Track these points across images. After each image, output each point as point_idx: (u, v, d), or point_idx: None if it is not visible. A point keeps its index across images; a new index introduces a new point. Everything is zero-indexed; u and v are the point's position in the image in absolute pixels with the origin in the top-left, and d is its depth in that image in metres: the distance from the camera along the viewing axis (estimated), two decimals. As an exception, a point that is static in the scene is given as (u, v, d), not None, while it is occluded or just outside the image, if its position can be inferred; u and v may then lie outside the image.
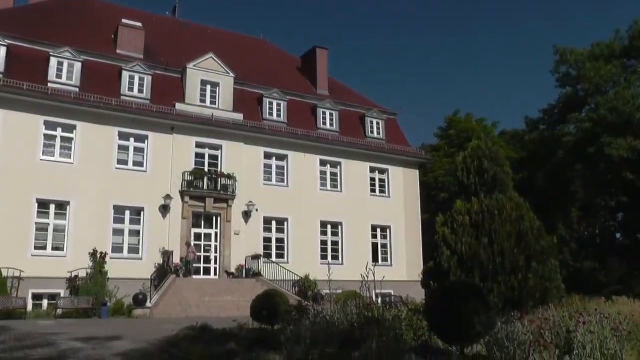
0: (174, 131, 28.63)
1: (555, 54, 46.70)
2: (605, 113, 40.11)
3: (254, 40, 41.71)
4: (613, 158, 38.59)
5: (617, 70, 42.96)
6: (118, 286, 24.52)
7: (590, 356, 8.04)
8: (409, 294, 25.72)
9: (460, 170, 15.77)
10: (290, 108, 33.09)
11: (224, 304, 24.25)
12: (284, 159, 31.83)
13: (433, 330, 9.14)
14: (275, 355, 8.66)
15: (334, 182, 33.35)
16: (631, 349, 9.55)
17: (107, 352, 10.85)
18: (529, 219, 14.28)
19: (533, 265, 13.40)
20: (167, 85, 29.96)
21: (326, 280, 11.27)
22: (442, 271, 13.63)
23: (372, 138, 35.34)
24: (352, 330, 9.55)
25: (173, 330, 12.39)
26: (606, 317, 8.84)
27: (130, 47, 30.67)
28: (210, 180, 28.88)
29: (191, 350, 9.91)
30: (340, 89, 38.74)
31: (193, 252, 27.35)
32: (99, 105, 26.73)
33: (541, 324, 8.88)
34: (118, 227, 26.76)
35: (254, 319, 13.90)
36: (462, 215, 14.23)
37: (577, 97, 46.60)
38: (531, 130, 51.30)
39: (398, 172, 35.42)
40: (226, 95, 31.03)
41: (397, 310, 10.06)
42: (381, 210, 34.05)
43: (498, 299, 12.71)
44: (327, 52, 38.64)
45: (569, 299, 14.91)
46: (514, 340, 6.97)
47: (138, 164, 27.78)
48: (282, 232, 30.97)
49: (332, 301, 11.19)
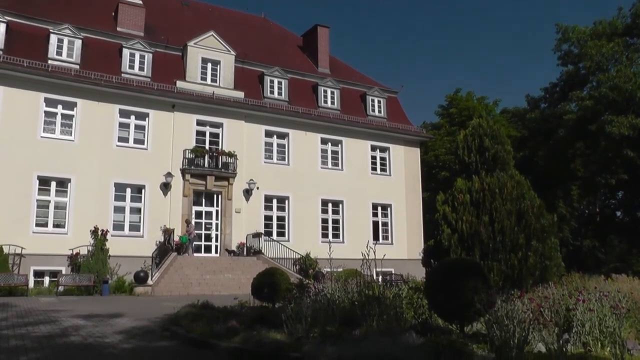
0: (175, 109, 28.56)
1: (558, 32, 46.51)
2: (607, 91, 39.97)
3: (255, 19, 41.46)
4: (614, 136, 38.54)
5: (618, 48, 42.73)
6: (119, 264, 24.68)
7: (589, 334, 8.08)
8: (409, 272, 25.68)
9: (461, 149, 15.74)
10: (291, 86, 32.98)
11: (224, 282, 24.40)
12: (285, 137, 31.78)
13: (433, 308, 9.18)
14: (276, 333, 8.69)
15: (334, 161, 33.34)
16: (630, 326, 9.60)
17: (108, 330, 10.93)
18: (530, 197, 14.27)
19: (533, 244, 13.43)
20: (167, 63, 29.83)
21: (327, 258, 11.30)
22: (443, 249, 13.66)
23: (373, 116, 35.27)
24: (352, 308, 9.59)
25: (174, 308, 12.45)
26: (605, 295, 8.85)
27: (130, 25, 30.53)
28: (211, 158, 28.87)
29: (192, 328, 9.98)
30: (341, 67, 38.57)
31: (192, 229, 27.35)
32: (100, 83, 26.65)
33: (541, 302, 8.92)
34: (119, 204, 26.81)
35: (254, 296, 13.96)
36: (462, 194, 14.23)
37: (578, 75, 46.44)
38: (532, 108, 51.24)
39: (399, 151, 35.39)
40: (227, 73, 30.90)
41: (398, 288, 10.07)
42: (382, 188, 34.08)
43: (498, 277, 12.76)
44: (328, 30, 38.45)
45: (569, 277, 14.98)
46: (513, 319, 6.98)
47: (139, 141, 27.76)
48: (282, 210, 31.03)
49: (333, 279, 11.22)
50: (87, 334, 10.33)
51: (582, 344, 8.04)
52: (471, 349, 7.14)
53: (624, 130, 37.98)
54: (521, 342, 6.84)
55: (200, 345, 8.99)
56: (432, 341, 7.32)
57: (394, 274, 26.44)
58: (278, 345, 7.99)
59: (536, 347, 7.50)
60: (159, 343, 9.55)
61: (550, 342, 7.18)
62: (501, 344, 6.91)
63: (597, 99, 41.15)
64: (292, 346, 7.89)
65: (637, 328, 10.00)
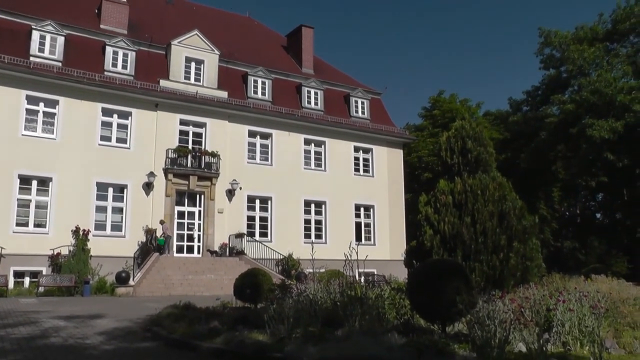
0: (158, 108, 28.40)
1: (540, 36, 47.04)
2: (588, 95, 40.46)
3: (240, 18, 41.37)
4: (594, 139, 39.01)
5: (600, 52, 43.36)
6: (101, 264, 24.48)
7: (568, 333, 8.20)
8: (391, 272, 25.92)
9: (443, 150, 15.82)
10: (275, 86, 32.93)
11: (207, 282, 24.32)
12: (268, 138, 31.73)
13: (415, 308, 9.23)
14: (258, 334, 8.69)
15: (318, 161, 33.34)
16: (608, 325, 9.74)
17: (89, 331, 10.85)
18: (511, 199, 14.38)
19: (514, 245, 13.53)
20: (151, 62, 29.66)
21: (309, 259, 11.30)
22: (425, 250, 13.71)
23: (356, 117, 35.32)
24: (335, 309, 9.60)
25: (156, 309, 12.40)
26: (585, 295, 8.98)
27: (114, 23, 30.32)
28: (194, 157, 28.74)
29: (174, 329, 9.94)
30: (325, 68, 38.59)
31: (167, 229, 27.02)
32: (82, 81, 26.41)
33: (522, 302, 9.00)
34: (101, 204, 26.59)
35: (237, 297, 13.95)
36: (445, 195, 14.30)
37: (560, 78, 47.02)
38: (515, 111, 51.76)
39: (382, 152, 35.47)
40: (211, 72, 30.80)
41: (380, 289, 10.10)
42: (365, 189, 34.14)
43: (480, 277, 12.84)
44: (313, 31, 38.43)
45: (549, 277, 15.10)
46: (494, 319, 7.05)
47: (121, 140, 27.55)
48: (265, 210, 30.97)
49: (315, 280, 11.23)
50: (67, 335, 10.25)
51: (562, 343, 8.15)
52: (453, 349, 7.20)
53: (604, 133, 38.45)
54: (502, 341, 6.90)
55: (182, 346, 8.97)
56: (414, 341, 7.37)
57: (377, 274, 26.54)
58: (260, 346, 7.99)
59: (517, 346, 7.58)
60: (141, 344, 9.51)
61: (531, 342, 7.25)
62: (482, 344, 6.97)
63: (579, 102, 41.65)
64: (275, 347, 7.89)
65: (616, 327, 10.13)
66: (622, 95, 39.32)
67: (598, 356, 6.89)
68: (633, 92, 39.52)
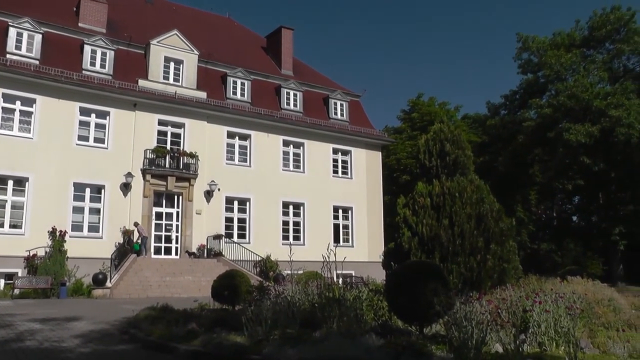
0: (137, 108, 28.17)
1: (518, 41, 47.63)
2: (565, 99, 41.02)
3: (219, 18, 41.23)
4: (571, 143, 39.54)
5: (576, 58, 44.03)
6: (77, 265, 24.17)
7: (544, 334, 8.30)
8: (369, 274, 25.86)
9: (422, 153, 15.95)
10: (254, 87, 32.85)
11: (185, 284, 24.17)
12: (247, 139, 31.63)
13: (393, 310, 9.26)
14: (236, 336, 8.66)
15: (296, 163, 33.31)
16: (583, 326, 9.89)
17: (65, 334, 10.73)
18: (489, 202, 14.52)
19: (492, 247, 13.66)
20: (130, 61, 29.42)
21: (287, 260, 11.30)
22: (403, 252, 13.79)
23: (335, 119, 35.35)
24: (313, 310, 9.60)
25: (133, 311, 12.30)
26: (561, 296, 9.09)
27: (92, 21, 30.02)
28: (173, 158, 28.55)
29: (152, 331, 9.87)
30: (304, 69, 38.59)
31: (143, 230, 26.77)
32: (60, 79, 26.08)
33: (499, 303, 9.09)
34: (78, 204, 26.28)
35: (215, 299, 13.90)
36: (423, 197, 14.39)
37: (537, 83, 47.64)
38: (493, 115, 52.27)
39: (361, 154, 35.54)
40: (190, 72, 30.63)
41: (358, 290, 10.12)
42: (343, 191, 34.18)
43: (457, 279, 12.94)
44: (292, 32, 38.41)
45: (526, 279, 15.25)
46: (472, 320, 7.10)
47: (99, 140, 27.27)
48: (244, 212, 30.86)
49: (293, 281, 11.22)
50: (43, 338, 10.12)
51: (538, 343, 8.24)
52: (430, 350, 7.24)
53: (581, 137, 38.99)
54: (479, 342, 6.95)
55: (160, 349, 8.92)
56: (392, 342, 7.39)
57: (355, 276, 26.55)
58: (238, 347, 7.97)
59: (494, 347, 7.65)
60: (118, 347, 9.43)
61: (508, 343, 7.33)
62: (460, 345, 7.01)
63: (556, 107, 42.20)
64: (252, 349, 7.88)
65: (590, 327, 10.29)
66: (598, 100, 39.93)
67: (573, 356, 6.98)
68: (609, 97, 40.17)
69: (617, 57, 44.97)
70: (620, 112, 38.56)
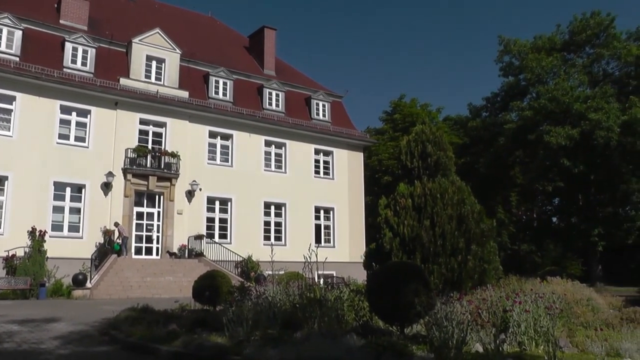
0: (118, 106, 27.93)
1: (500, 43, 48.03)
2: (546, 102, 41.44)
3: (202, 17, 41.06)
4: (551, 145, 39.92)
5: (557, 62, 44.51)
6: (57, 266, 23.87)
7: (524, 333, 8.38)
8: (351, 275, 25.88)
9: (404, 154, 16.01)
10: (236, 87, 32.74)
11: (165, 285, 24.03)
12: (229, 139, 31.52)
13: (374, 310, 9.28)
14: (217, 337, 8.63)
15: (278, 163, 33.24)
16: (562, 325, 10.00)
17: (44, 335, 10.61)
18: (470, 203, 14.62)
19: (472, 248, 13.76)
20: (111, 59, 29.17)
21: (269, 261, 11.28)
22: (384, 253, 13.85)
23: (317, 120, 35.34)
24: (294, 311, 9.59)
25: (113, 312, 12.21)
26: (540, 296, 9.19)
27: (74, 18, 29.72)
28: (154, 158, 28.36)
29: (132, 332, 9.80)
30: (287, 70, 38.54)
31: (123, 230, 26.56)
32: (40, 77, 25.73)
33: (479, 303, 9.16)
34: (58, 204, 25.98)
35: (195, 299, 13.85)
36: (404, 198, 14.45)
37: (519, 86, 48.09)
38: (474, 117, 52.64)
39: (342, 155, 35.57)
40: (172, 71, 30.45)
41: (339, 291, 10.13)
42: (325, 191, 34.18)
43: (438, 279, 13.02)
44: (275, 32, 38.34)
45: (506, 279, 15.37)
46: (452, 320, 7.14)
47: (80, 139, 26.98)
48: (225, 212, 30.75)
49: (275, 282, 11.21)
50: (21, 340, 10.00)
51: (518, 343, 8.32)
52: (411, 350, 7.27)
53: (561, 140, 39.39)
54: (460, 342, 6.99)
55: (140, 350, 8.87)
56: (373, 343, 7.41)
57: (336, 276, 26.56)
58: (219, 348, 7.95)
59: (474, 347, 7.70)
60: (98, 348, 9.35)
61: (488, 342, 7.38)
62: (440, 345, 7.05)
63: (536, 109, 42.60)
64: (233, 349, 7.86)
65: (569, 327, 10.40)
66: (579, 103, 40.38)
67: (552, 355, 7.04)
68: (589, 101, 40.66)
69: (597, 62, 45.56)
70: (599, 115, 39.01)
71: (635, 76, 43.04)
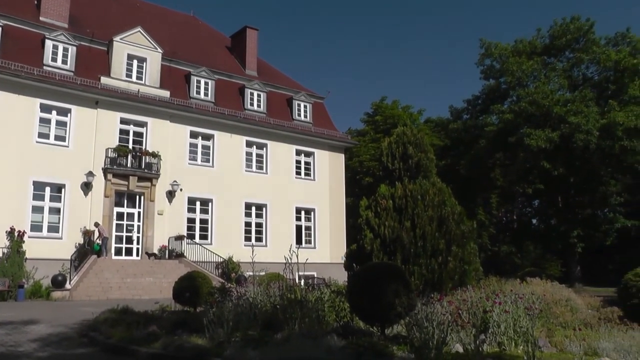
0: (98, 106, 27.66)
1: (481, 47, 48.28)
2: (526, 105, 41.78)
3: (184, 17, 40.85)
4: (532, 148, 40.24)
5: (537, 66, 44.88)
6: (36, 267, 23.56)
7: (504, 334, 8.45)
8: (331, 276, 25.97)
9: (385, 156, 16.06)
10: (218, 87, 32.62)
11: (146, 286, 23.88)
12: (210, 139, 31.38)
13: (355, 311, 9.30)
14: (197, 338, 8.60)
15: (259, 164, 33.17)
16: (541, 325, 10.11)
17: (22, 338, 10.49)
18: (451, 204, 14.69)
19: (453, 249, 13.82)
20: (92, 58, 28.89)
21: (250, 262, 11.26)
22: (365, 254, 13.86)
23: (299, 121, 35.32)
24: (275, 312, 9.59)
25: (93, 313, 12.10)
26: (520, 297, 9.27)
27: (54, 15, 29.38)
28: (135, 158, 28.14)
29: (111, 334, 9.73)
30: (269, 70, 38.49)
31: (104, 230, 26.34)
32: (20, 74, 25.35)
33: (459, 304, 9.22)
34: (37, 204, 25.66)
35: (176, 300, 13.79)
36: (385, 200, 14.48)
37: (500, 89, 48.43)
38: (455, 119, 52.90)
39: (324, 156, 35.59)
40: (153, 71, 30.25)
41: (320, 292, 10.14)
42: (306, 192, 34.18)
43: (419, 280, 13.06)
44: (257, 32, 38.28)
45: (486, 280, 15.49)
46: (433, 321, 7.18)
47: (60, 138, 26.67)
48: (206, 212, 30.61)
49: (255, 283, 11.19)
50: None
51: (498, 343, 8.38)
52: (391, 350, 7.30)
53: (541, 143, 39.72)
54: (440, 343, 7.03)
55: (120, 352, 8.82)
56: (354, 343, 7.43)
57: (317, 277, 26.60)
58: (199, 350, 7.93)
59: (454, 347, 7.75)
60: (77, 350, 9.28)
61: (468, 343, 7.43)
62: (421, 345, 7.08)
63: (517, 112, 42.93)
64: (214, 351, 7.84)
65: (549, 327, 10.50)
66: (558, 107, 40.75)
67: (531, 355, 7.10)
68: (568, 104, 41.05)
69: (577, 66, 46.00)
70: (579, 118, 39.41)
71: (614, 81, 43.51)
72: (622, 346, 8.45)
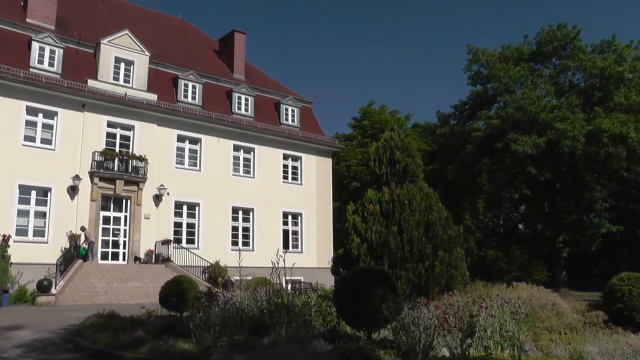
0: (85, 109, 27.50)
1: (469, 52, 48.54)
2: (513, 111, 42.01)
3: (172, 20, 40.72)
4: (518, 153, 40.48)
5: (524, 72, 45.22)
6: (21, 271, 23.34)
7: (490, 338, 8.48)
8: (318, 280, 25.85)
9: (372, 160, 16.11)
10: (205, 91, 32.55)
11: (132, 290, 23.75)
12: (197, 143, 31.28)
13: (342, 315, 9.30)
14: (184, 343, 8.57)
15: (246, 168, 33.10)
16: (527, 329, 10.15)
17: (7, 344, 10.38)
18: (438, 209, 14.74)
19: (440, 253, 13.88)
20: (79, 60, 28.72)
21: (236, 266, 11.22)
22: (352, 258, 13.88)
23: (286, 125, 35.32)
24: (261, 316, 9.58)
25: (79, 318, 12.03)
26: (506, 301, 9.32)
27: (41, 17, 29.17)
28: (121, 161, 28.00)
29: (97, 339, 9.67)
30: (256, 74, 38.47)
31: (90, 235, 26.17)
32: (6, 77, 25.11)
33: (446, 309, 9.25)
34: (23, 207, 25.43)
35: (162, 305, 13.74)
36: (372, 204, 14.52)
37: (487, 95, 48.71)
38: (442, 124, 53.15)
39: (311, 160, 35.59)
40: (140, 74, 30.14)
41: (307, 296, 10.14)
42: (293, 197, 34.15)
43: (406, 285, 13.09)
44: (245, 36, 38.27)
45: (473, 285, 15.53)
46: (419, 325, 7.20)
47: (46, 141, 26.46)
48: (193, 217, 30.49)
49: (242, 288, 11.17)
50: (-19, 349, 9.78)
51: (484, 347, 8.42)
52: (378, 355, 7.30)
53: (528, 148, 39.96)
54: (426, 347, 7.05)
55: (106, 357, 8.78)
56: (340, 348, 7.42)
57: (304, 282, 26.54)
58: (186, 355, 7.90)
59: (441, 351, 7.77)
60: (62, 356, 9.22)
61: (454, 347, 7.46)
62: (407, 349, 7.10)
63: (504, 118, 43.19)
64: (200, 356, 7.81)
65: (534, 331, 10.56)
66: (545, 113, 41.02)
67: (517, 359, 7.14)
68: (555, 110, 41.32)
69: (563, 72, 46.34)
70: (565, 125, 39.68)
71: (599, 88, 43.86)
72: (606, 350, 8.54)
